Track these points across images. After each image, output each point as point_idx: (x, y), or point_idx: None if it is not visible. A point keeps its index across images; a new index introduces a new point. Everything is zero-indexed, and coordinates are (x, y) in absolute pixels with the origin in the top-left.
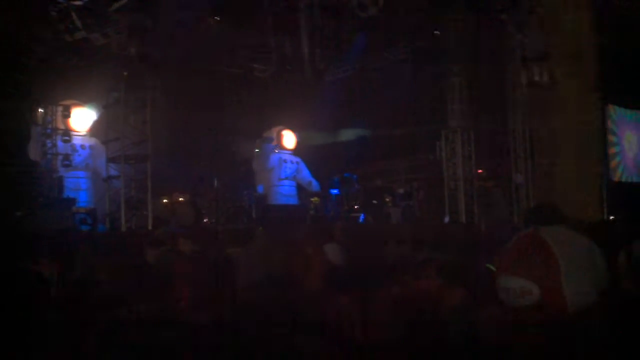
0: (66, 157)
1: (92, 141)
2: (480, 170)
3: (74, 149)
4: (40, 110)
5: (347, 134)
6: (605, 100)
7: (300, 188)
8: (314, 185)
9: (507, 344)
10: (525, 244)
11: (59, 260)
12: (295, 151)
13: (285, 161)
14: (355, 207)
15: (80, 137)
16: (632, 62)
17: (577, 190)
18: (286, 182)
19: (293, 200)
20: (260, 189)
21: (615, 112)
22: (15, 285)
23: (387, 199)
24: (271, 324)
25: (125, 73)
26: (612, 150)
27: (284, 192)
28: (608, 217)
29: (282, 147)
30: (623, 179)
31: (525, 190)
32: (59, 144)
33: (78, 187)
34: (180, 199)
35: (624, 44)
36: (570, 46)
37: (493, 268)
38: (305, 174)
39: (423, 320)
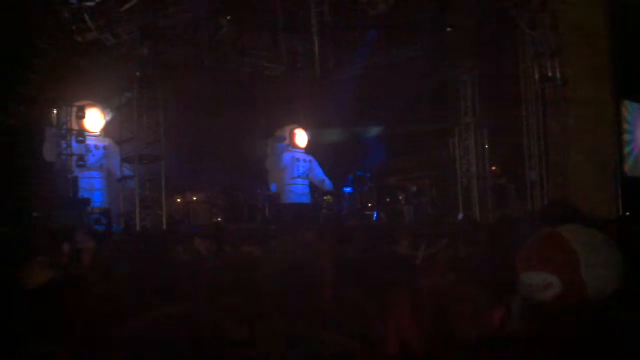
0: (80, 157)
1: (106, 141)
2: (493, 168)
3: (88, 149)
4: (54, 111)
5: (360, 132)
6: (619, 95)
7: (313, 186)
8: (327, 184)
9: (536, 336)
10: (545, 242)
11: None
12: (308, 149)
13: (297, 160)
14: (369, 205)
15: (94, 138)
16: None
17: (591, 186)
18: (299, 180)
19: (306, 199)
20: (273, 187)
21: (629, 107)
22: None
23: (400, 197)
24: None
25: (137, 73)
26: (627, 146)
27: (297, 191)
28: (623, 213)
29: (294, 146)
30: (638, 175)
31: (540, 187)
32: (74, 144)
33: (92, 187)
34: (194, 198)
35: (637, 37)
36: (582, 41)
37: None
38: (318, 173)
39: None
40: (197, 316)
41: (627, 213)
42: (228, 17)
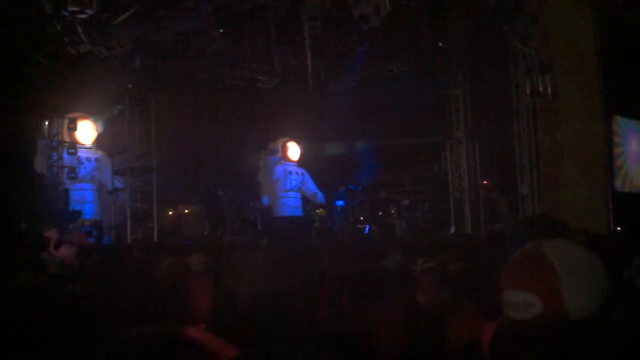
0: (72, 169)
1: (98, 154)
2: (485, 182)
3: (79, 161)
4: (46, 123)
5: (352, 145)
6: (610, 110)
7: (305, 200)
8: (320, 197)
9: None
10: (527, 259)
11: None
12: (300, 163)
13: (290, 173)
14: (361, 218)
15: (86, 150)
16: (637, 73)
17: (583, 200)
18: (291, 193)
19: (298, 212)
20: (265, 200)
21: (621, 122)
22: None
23: (392, 210)
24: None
25: (129, 86)
26: (618, 161)
27: (289, 204)
28: (614, 228)
29: (286, 159)
30: (628, 190)
31: (531, 201)
32: (65, 156)
33: (84, 199)
34: (185, 211)
35: (628, 54)
36: (573, 57)
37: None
38: (310, 186)
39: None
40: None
41: (618, 228)
42: (221, 30)
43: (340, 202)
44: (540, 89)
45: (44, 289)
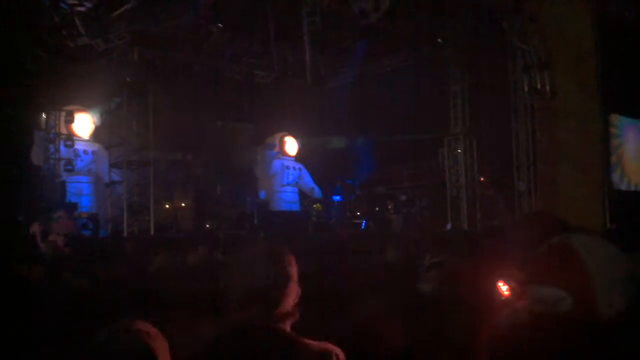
0: (69, 162)
1: (95, 146)
2: (482, 179)
3: (76, 154)
4: (43, 115)
5: (349, 141)
6: (608, 108)
7: (302, 194)
8: (316, 192)
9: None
10: (556, 254)
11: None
12: (297, 157)
13: (287, 167)
14: (358, 213)
15: (83, 142)
16: (635, 70)
17: (579, 198)
18: (288, 188)
19: (295, 207)
20: (262, 195)
21: (618, 121)
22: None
23: (389, 206)
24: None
25: (127, 79)
26: (615, 158)
27: (286, 199)
28: (610, 226)
29: (284, 153)
30: (625, 188)
31: (528, 198)
32: (62, 149)
33: (80, 192)
34: (182, 205)
35: (626, 53)
36: (571, 55)
37: (504, 285)
38: (307, 180)
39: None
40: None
41: (613, 225)
42: (219, 25)
43: (337, 197)
44: (539, 87)
45: (41, 282)
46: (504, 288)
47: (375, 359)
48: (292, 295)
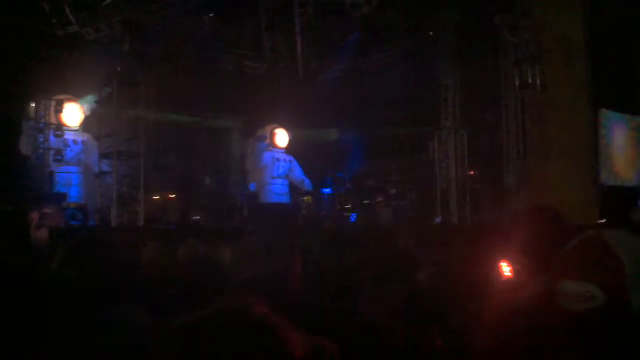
0: (58, 151)
1: (85, 136)
2: (472, 172)
3: (66, 143)
4: (32, 104)
5: (340, 133)
6: (597, 103)
7: (292, 187)
8: (307, 184)
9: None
10: (588, 248)
11: None
12: (288, 150)
13: (277, 159)
14: (347, 206)
15: (72, 132)
16: (624, 66)
17: (569, 192)
18: (278, 180)
19: (285, 199)
20: (252, 187)
21: (607, 116)
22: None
23: (379, 199)
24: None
25: (117, 68)
26: (603, 153)
27: (276, 191)
28: (599, 220)
29: (274, 146)
30: (612, 183)
31: (517, 192)
32: (51, 138)
33: (69, 182)
34: (171, 196)
35: (616, 48)
36: (563, 49)
37: (507, 266)
38: (297, 173)
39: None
40: None
41: (603, 220)
42: (211, 15)
43: (327, 190)
44: (529, 81)
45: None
46: (506, 269)
47: (372, 352)
48: (291, 288)
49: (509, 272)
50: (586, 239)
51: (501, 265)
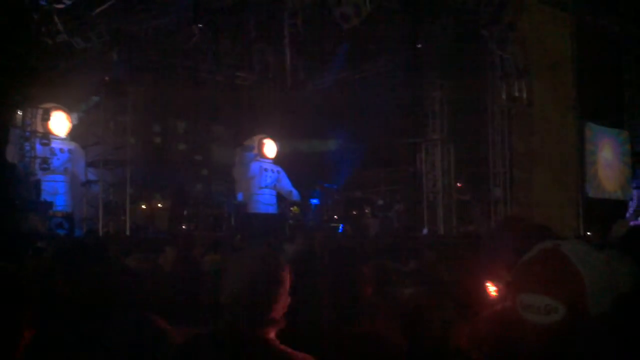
0: (44, 160)
1: (72, 145)
2: (459, 184)
3: (52, 152)
4: (19, 112)
5: (328, 145)
6: (583, 117)
7: (280, 197)
8: (294, 195)
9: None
10: (547, 260)
11: None
12: (276, 160)
13: (265, 170)
14: (335, 217)
15: (59, 141)
16: (611, 81)
17: (554, 205)
18: (266, 190)
19: (272, 209)
20: (240, 197)
21: (592, 129)
22: None
23: (367, 210)
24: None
25: (106, 78)
26: (590, 167)
27: (263, 201)
28: (584, 233)
29: (262, 156)
30: (599, 196)
31: (503, 204)
32: (38, 147)
33: (56, 191)
34: (158, 205)
35: (602, 63)
36: (549, 63)
37: (492, 286)
38: (285, 183)
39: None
40: None
41: (588, 233)
42: (200, 26)
43: (315, 201)
44: (516, 94)
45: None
46: (492, 289)
47: None
48: (282, 302)
49: (495, 292)
50: (544, 252)
51: (487, 287)
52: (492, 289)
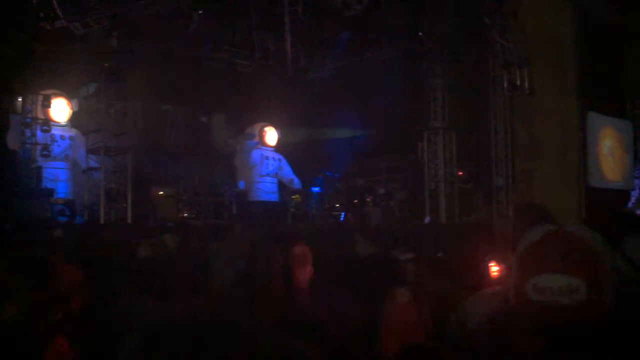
0: (45, 147)
1: (73, 132)
2: (460, 173)
3: (53, 139)
4: (19, 99)
5: (330, 133)
6: (585, 106)
7: (281, 185)
8: (296, 183)
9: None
10: (559, 242)
11: None
12: (278, 148)
13: (267, 158)
14: (336, 205)
15: (60, 128)
16: (613, 70)
17: (555, 194)
18: (267, 178)
19: (274, 197)
20: (241, 185)
21: (594, 119)
22: None
23: (368, 199)
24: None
25: (105, 64)
26: (591, 156)
27: (265, 189)
28: (585, 222)
29: (264, 144)
30: (601, 185)
31: (505, 193)
32: (38, 133)
33: (57, 177)
34: (160, 193)
35: (604, 51)
36: (551, 52)
37: (495, 266)
38: (287, 171)
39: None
40: None
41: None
42: (200, 12)
43: (316, 189)
44: (518, 83)
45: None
46: (494, 269)
47: (350, 356)
48: (275, 288)
49: (496, 271)
50: (552, 234)
51: (490, 266)
52: (494, 268)
